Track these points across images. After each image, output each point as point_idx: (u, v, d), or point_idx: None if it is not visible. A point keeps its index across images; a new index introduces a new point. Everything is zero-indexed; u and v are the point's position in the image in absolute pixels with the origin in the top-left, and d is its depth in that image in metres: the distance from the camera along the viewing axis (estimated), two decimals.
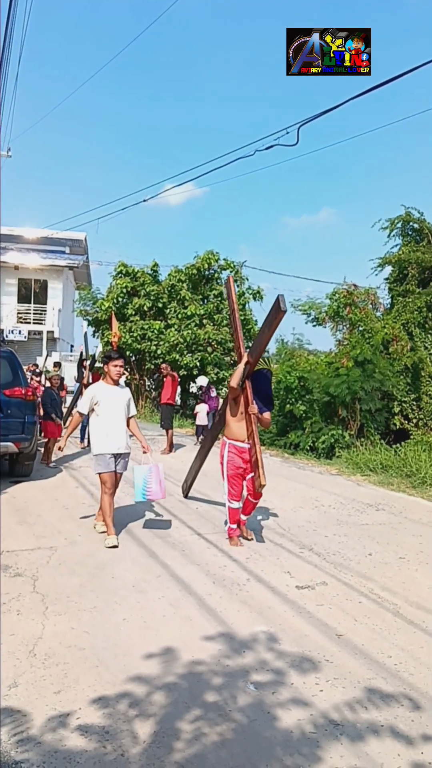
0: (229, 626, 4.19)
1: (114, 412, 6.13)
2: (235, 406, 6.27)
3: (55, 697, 3.21)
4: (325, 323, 15.35)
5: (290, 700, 3.26)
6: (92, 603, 4.51)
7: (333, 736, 2.94)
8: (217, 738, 2.90)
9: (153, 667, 3.57)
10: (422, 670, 3.66)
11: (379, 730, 3.01)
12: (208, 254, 20.33)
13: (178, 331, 19.40)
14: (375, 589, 5.05)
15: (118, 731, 2.92)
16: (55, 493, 8.28)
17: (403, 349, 13.33)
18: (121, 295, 20.31)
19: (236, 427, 6.22)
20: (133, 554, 5.70)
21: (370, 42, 7.57)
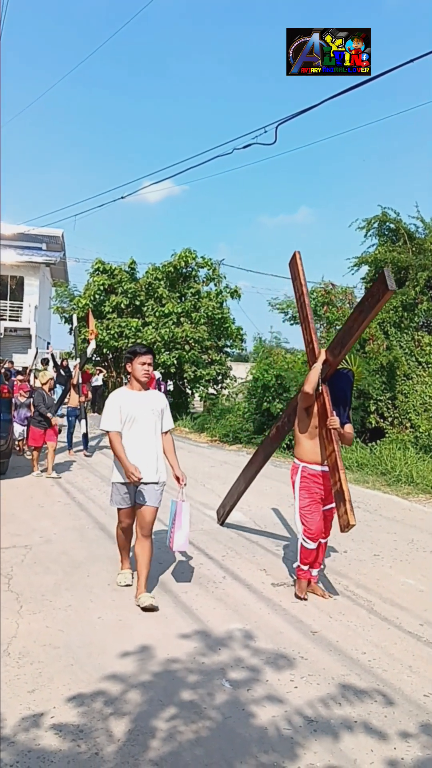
0: (205, 624, 4.20)
1: (145, 427, 4.57)
2: (307, 418, 4.93)
3: (29, 696, 3.19)
4: None
5: (265, 697, 3.27)
6: (67, 601, 4.48)
7: (307, 733, 2.95)
8: (193, 736, 2.89)
9: (128, 666, 3.56)
10: (395, 666, 3.70)
11: (352, 726, 3.03)
12: (186, 252, 20.31)
13: (155, 329, 19.35)
14: (350, 586, 5.09)
15: (92, 730, 2.90)
16: (29, 491, 8.21)
17: (379, 348, 13.44)
18: (98, 293, 20.22)
19: (310, 445, 4.90)
20: (108, 552, 5.67)
21: (370, 42, 7.57)
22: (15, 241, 32.29)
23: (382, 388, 13.50)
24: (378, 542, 6.42)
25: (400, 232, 14.65)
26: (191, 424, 17.52)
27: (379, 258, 14.42)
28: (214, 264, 21.54)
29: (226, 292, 20.87)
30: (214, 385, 20.21)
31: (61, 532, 6.28)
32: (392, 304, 13.90)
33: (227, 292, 20.87)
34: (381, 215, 14.75)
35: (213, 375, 19.63)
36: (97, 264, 20.81)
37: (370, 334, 13.59)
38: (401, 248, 14.39)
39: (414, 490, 9.24)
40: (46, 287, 33.73)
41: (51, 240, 34.09)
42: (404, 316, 13.94)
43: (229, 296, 20.90)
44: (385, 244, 14.88)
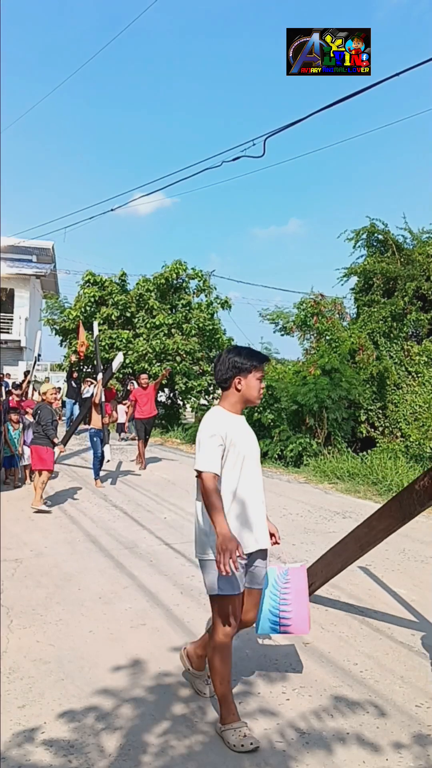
0: (197, 637, 4.17)
1: (251, 469, 3.20)
2: None
3: (20, 711, 3.16)
4: (292, 332, 15.47)
5: (257, 710, 3.26)
6: (58, 615, 4.46)
7: (300, 746, 2.94)
8: (185, 750, 2.88)
9: (120, 680, 3.54)
10: (387, 677, 3.69)
11: (345, 738, 3.02)
12: (176, 264, 20.39)
13: (146, 340, 19.37)
14: (341, 596, 5.09)
15: (84, 745, 2.88)
16: (21, 504, 8.17)
17: (369, 358, 13.51)
18: (88, 304, 20.20)
19: None
20: (100, 565, 5.65)
21: (370, 42, 7.59)
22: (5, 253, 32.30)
23: (373, 398, 13.56)
24: (369, 552, 6.41)
25: (389, 243, 14.78)
26: (183, 435, 17.56)
27: (367, 269, 14.55)
28: (204, 275, 21.60)
29: (217, 303, 20.94)
30: (206, 395, 20.23)
31: (52, 545, 6.25)
32: (381, 314, 14.02)
33: (218, 303, 20.95)
34: (369, 226, 14.88)
35: (204, 386, 19.64)
36: (88, 276, 20.81)
37: (360, 345, 13.67)
38: (390, 259, 14.51)
39: None
40: (36, 299, 33.70)
41: (41, 252, 34.11)
42: (393, 326, 14.04)
43: (220, 307, 20.98)
44: (373, 255, 15.01)
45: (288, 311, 16.01)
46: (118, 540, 6.52)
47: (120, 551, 6.11)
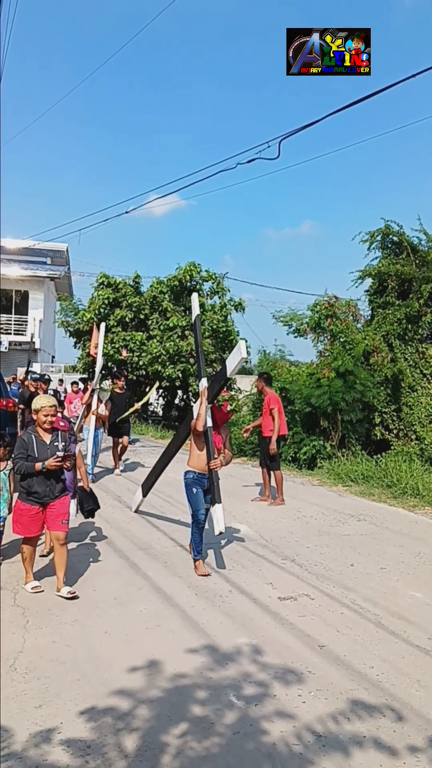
0: (212, 638, 4.18)
1: None
2: None
3: (37, 711, 3.18)
4: (306, 334, 15.42)
5: (274, 712, 3.26)
6: (74, 616, 4.48)
7: (317, 749, 2.94)
8: (203, 752, 2.88)
9: (136, 681, 3.55)
10: (404, 681, 3.68)
11: (362, 741, 3.02)
12: (190, 266, 20.39)
13: (160, 342, 19.40)
14: (357, 599, 5.07)
15: (102, 745, 2.89)
16: None
17: (384, 361, 13.44)
18: (102, 306, 20.27)
19: None
20: (114, 567, 5.66)
21: (370, 42, 7.59)
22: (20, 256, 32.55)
23: (387, 401, 13.48)
24: (384, 555, 6.40)
25: (404, 245, 14.69)
26: None
27: (382, 271, 14.46)
28: (218, 277, 21.60)
29: (231, 305, 20.92)
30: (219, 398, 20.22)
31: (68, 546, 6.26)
32: (396, 316, 13.93)
33: (231, 305, 20.93)
34: (384, 228, 14.79)
35: None
36: (102, 278, 20.88)
37: (374, 347, 13.61)
38: (404, 261, 14.43)
39: (420, 503, 9.20)
40: (50, 301, 33.91)
41: (55, 254, 34.35)
42: (408, 329, 13.96)
43: (234, 309, 20.96)
44: (388, 256, 14.91)
45: (302, 313, 15.96)
46: (132, 541, 6.54)
47: (134, 552, 6.13)
